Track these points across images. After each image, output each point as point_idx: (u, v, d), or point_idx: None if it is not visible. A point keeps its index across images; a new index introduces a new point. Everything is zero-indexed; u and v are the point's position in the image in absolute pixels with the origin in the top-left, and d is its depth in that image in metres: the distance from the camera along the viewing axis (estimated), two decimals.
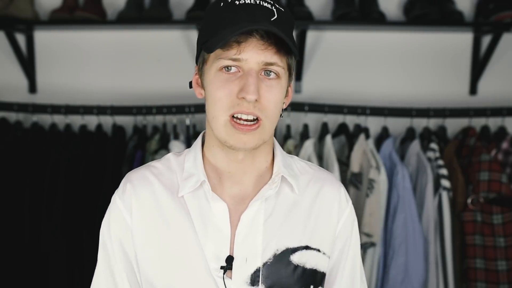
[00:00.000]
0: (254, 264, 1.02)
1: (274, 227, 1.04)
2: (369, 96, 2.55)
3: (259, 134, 0.99)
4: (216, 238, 1.02)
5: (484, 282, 2.19)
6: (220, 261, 1.01)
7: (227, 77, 0.97)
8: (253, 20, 0.95)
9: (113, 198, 1.09)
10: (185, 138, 2.41)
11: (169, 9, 2.48)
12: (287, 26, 1.00)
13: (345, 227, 1.12)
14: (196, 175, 1.05)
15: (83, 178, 2.26)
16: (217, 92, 0.98)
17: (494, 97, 2.56)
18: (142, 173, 1.09)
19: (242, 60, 0.96)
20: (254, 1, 0.97)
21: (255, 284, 1.01)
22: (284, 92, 1.02)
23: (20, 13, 2.44)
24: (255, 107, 0.96)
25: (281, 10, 0.99)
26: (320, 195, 1.10)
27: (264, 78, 0.98)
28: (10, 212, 2.27)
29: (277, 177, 1.06)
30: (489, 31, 2.46)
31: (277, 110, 1.01)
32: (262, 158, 1.08)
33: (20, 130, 2.48)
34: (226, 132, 0.98)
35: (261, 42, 0.95)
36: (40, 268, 2.24)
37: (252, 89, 0.95)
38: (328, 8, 2.54)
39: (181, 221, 1.04)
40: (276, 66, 0.97)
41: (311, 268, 1.05)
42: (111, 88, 2.61)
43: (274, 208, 1.06)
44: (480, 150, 2.27)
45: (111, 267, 1.07)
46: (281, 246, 1.04)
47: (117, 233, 1.06)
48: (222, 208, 1.03)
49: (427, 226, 2.20)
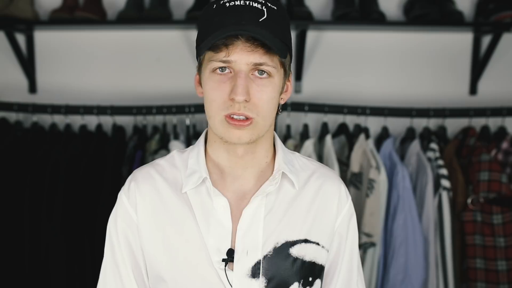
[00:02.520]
0: (254, 257, 1.06)
1: (274, 221, 1.08)
2: (369, 96, 2.55)
3: (252, 130, 1.03)
4: (218, 232, 1.06)
5: (484, 282, 2.19)
6: (221, 254, 1.05)
7: (220, 78, 1.02)
8: (239, 23, 0.98)
9: (119, 195, 1.14)
10: (185, 138, 2.41)
11: (169, 9, 2.48)
12: (278, 25, 1.02)
13: (344, 222, 1.16)
14: (198, 172, 1.09)
15: (83, 178, 2.26)
16: (211, 93, 1.03)
17: (494, 97, 2.56)
18: (147, 170, 1.14)
19: (231, 62, 1.00)
20: (244, 2, 1.00)
21: (256, 276, 1.05)
22: (278, 89, 1.05)
23: (20, 13, 2.44)
24: (246, 107, 1.00)
25: (272, 8, 1.02)
26: (321, 191, 1.14)
27: (256, 77, 1.01)
28: (10, 212, 2.27)
29: (278, 173, 1.10)
30: (489, 31, 2.47)
31: (271, 108, 1.04)
32: (262, 154, 1.11)
33: (20, 130, 2.48)
34: (223, 128, 1.03)
35: (247, 44, 0.98)
36: (40, 268, 2.24)
37: (240, 90, 0.99)
38: (328, 8, 2.54)
39: (184, 217, 1.08)
40: (266, 66, 1.01)
41: (310, 261, 1.10)
42: (111, 88, 2.62)
43: (275, 203, 1.10)
44: (480, 150, 2.27)
45: (117, 263, 1.11)
46: (281, 240, 1.08)
47: (123, 229, 1.11)
48: (223, 204, 1.07)
49: (427, 226, 2.20)
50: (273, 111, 1.05)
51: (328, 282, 1.16)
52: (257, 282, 1.05)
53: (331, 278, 1.15)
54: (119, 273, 1.11)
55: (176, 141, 2.32)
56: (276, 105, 1.06)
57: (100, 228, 2.19)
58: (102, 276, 1.14)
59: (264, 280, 1.05)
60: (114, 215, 1.13)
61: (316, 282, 1.11)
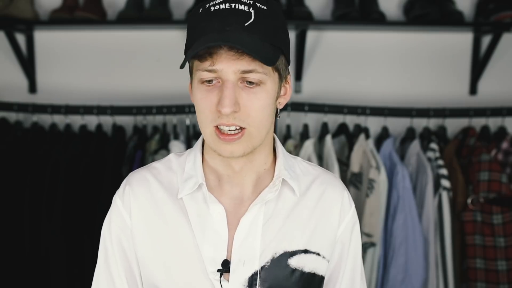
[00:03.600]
0: (252, 267, 1.02)
1: (273, 230, 1.04)
2: (369, 96, 2.55)
3: (245, 142, 0.97)
4: (214, 240, 1.02)
5: (484, 282, 2.19)
6: (217, 264, 1.01)
7: (208, 88, 0.96)
8: (222, 30, 0.92)
9: (114, 199, 1.10)
10: (185, 138, 2.41)
11: (169, 9, 2.48)
12: (267, 26, 0.95)
13: (347, 230, 1.11)
14: (195, 177, 1.05)
15: (83, 178, 2.26)
16: (200, 104, 0.97)
17: (494, 97, 2.56)
18: (142, 174, 1.10)
19: (218, 70, 0.93)
20: (229, 5, 0.94)
21: (253, 287, 1.01)
22: (273, 95, 0.99)
23: (20, 13, 2.44)
24: (236, 118, 0.94)
25: (261, 9, 0.95)
26: (323, 198, 1.09)
27: (245, 86, 0.95)
28: (10, 212, 2.27)
29: (278, 180, 1.05)
30: (489, 31, 2.47)
31: (265, 116, 0.98)
32: (261, 161, 1.06)
33: (20, 130, 2.48)
34: (213, 142, 0.98)
35: (231, 53, 0.92)
36: (40, 268, 2.24)
37: (227, 102, 0.92)
38: (328, 8, 2.54)
39: (179, 223, 1.04)
40: (255, 73, 0.94)
41: (310, 272, 1.05)
42: (111, 88, 2.62)
43: (274, 211, 1.05)
44: (480, 150, 2.27)
45: (110, 267, 1.08)
46: (279, 250, 1.03)
47: (117, 233, 1.07)
48: (220, 211, 1.03)
49: (427, 226, 2.20)
50: (268, 119, 0.99)
51: None
52: None
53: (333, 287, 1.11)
54: (112, 279, 1.07)
55: (176, 141, 2.32)
56: (272, 112, 1.00)
57: (100, 228, 2.20)
58: (95, 281, 1.10)
59: None
60: (108, 219, 1.09)
61: None
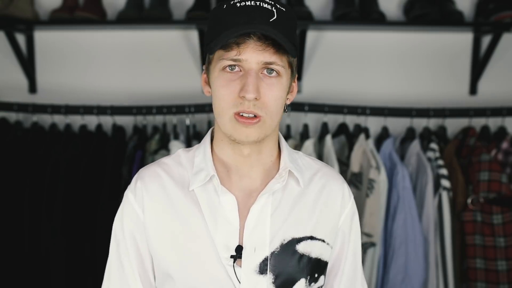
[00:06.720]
0: (262, 253, 1.07)
1: (280, 218, 1.10)
2: (369, 96, 2.55)
3: (260, 129, 1.04)
4: (226, 229, 1.07)
5: (484, 282, 2.19)
6: (229, 250, 1.06)
7: (230, 76, 1.03)
8: (251, 22, 1.00)
9: (125, 194, 1.14)
10: (185, 138, 2.41)
11: (169, 9, 2.48)
12: (287, 25, 1.04)
13: (347, 220, 1.17)
14: (205, 170, 1.10)
15: (83, 178, 2.26)
16: (221, 90, 1.04)
17: (494, 97, 2.56)
18: (153, 169, 1.14)
19: (242, 60, 1.01)
20: (254, 3, 1.02)
21: (264, 272, 1.06)
22: (286, 89, 1.07)
23: (20, 13, 2.44)
24: (255, 106, 1.02)
25: (281, 10, 1.04)
26: (325, 189, 1.16)
27: (265, 76, 1.03)
28: (10, 212, 2.27)
29: (284, 171, 1.12)
30: (489, 31, 2.46)
31: (278, 107, 1.06)
32: (267, 153, 1.13)
33: (20, 130, 2.48)
34: (232, 126, 1.04)
35: (258, 43, 1.00)
36: (40, 268, 2.24)
37: (251, 88, 1.00)
38: (328, 8, 2.54)
39: (192, 214, 1.09)
40: (275, 65, 1.02)
41: (316, 257, 1.11)
42: (111, 88, 2.62)
43: (281, 200, 1.12)
44: (480, 150, 2.27)
45: (122, 262, 1.12)
46: (287, 236, 1.09)
47: (130, 227, 1.12)
48: (231, 201, 1.09)
49: (427, 226, 2.20)
50: (279, 111, 1.07)
51: (331, 279, 1.17)
52: (265, 278, 1.06)
53: (335, 275, 1.17)
54: (124, 272, 1.11)
55: (176, 141, 2.32)
56: (283, 104, 1.07)
57: (100, 228, 2.21)
58: (106, 275, 1.15)
59: (271, 276, 1.07)
60: (120, 214, 1.14)
61: (321, 279, 1.13)
